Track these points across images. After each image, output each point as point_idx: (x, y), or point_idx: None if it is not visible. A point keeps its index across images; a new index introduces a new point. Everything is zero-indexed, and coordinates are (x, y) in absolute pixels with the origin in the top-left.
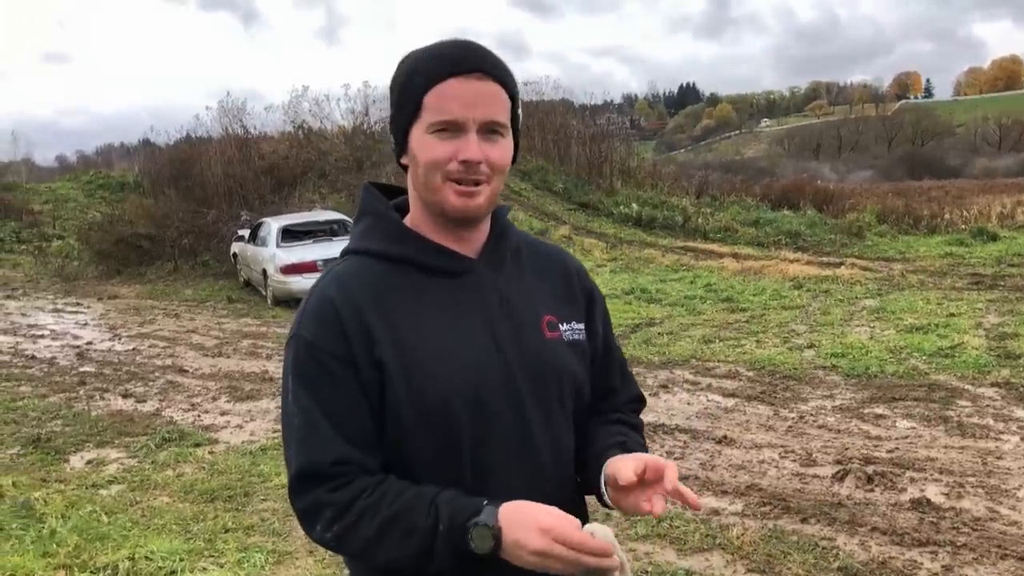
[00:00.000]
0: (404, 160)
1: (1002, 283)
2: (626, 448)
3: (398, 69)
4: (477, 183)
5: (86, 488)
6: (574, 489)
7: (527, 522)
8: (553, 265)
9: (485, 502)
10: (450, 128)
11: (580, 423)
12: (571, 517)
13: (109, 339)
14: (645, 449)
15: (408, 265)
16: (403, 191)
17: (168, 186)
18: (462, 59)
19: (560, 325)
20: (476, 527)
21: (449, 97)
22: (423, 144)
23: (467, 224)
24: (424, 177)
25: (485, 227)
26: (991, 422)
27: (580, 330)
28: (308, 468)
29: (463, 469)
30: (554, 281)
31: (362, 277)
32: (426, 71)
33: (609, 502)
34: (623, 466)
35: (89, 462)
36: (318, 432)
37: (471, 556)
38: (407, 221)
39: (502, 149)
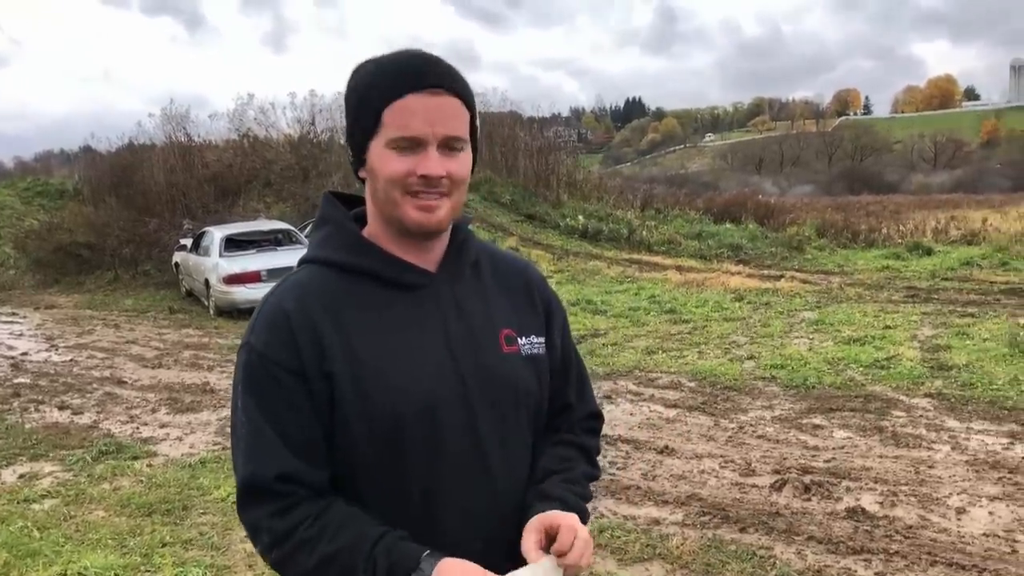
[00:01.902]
0: (362, 173)
1: (936, 296)
2: (564, 502)
3: (353, 79)
4: (440, 195)
5: (17, 503)
6: None
7: None
8: (515, 277)
9: (424, 555)
10: (410, 144)
11: (536, 440)
12: None
13: (46, 350)
14: (585, 483)
15: (365, 277)
16: (364, 201)
17: (109, 194)
18: (422, 74)
19: (519, 339)
20: None
21: (409, 113)
22: (382, 159)
23: (428, 237)
24: (384, 192)
25: (445, 239)
26: (924, 432)
27: (540, 344)
28: (251, 480)
29: (411, 488)
30: (515, 294)
31: (318, 287)
32: (385, 86)
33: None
34: (530, 546)
35: (22, 476)
36: (264, 443)
37: None
38: (366, 232)
39: (461, 162)
